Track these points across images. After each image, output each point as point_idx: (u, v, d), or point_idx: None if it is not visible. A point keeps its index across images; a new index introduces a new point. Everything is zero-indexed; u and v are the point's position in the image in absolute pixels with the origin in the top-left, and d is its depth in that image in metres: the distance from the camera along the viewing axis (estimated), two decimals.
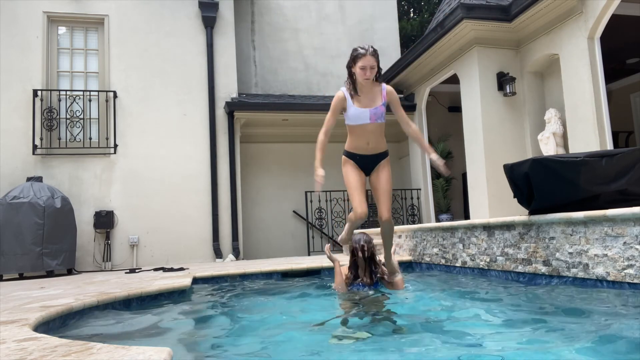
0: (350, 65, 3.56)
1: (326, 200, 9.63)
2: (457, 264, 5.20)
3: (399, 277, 3.97)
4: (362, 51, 3.48)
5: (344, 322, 2.87)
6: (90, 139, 8.44)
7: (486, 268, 4.68)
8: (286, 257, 8.89)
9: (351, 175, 3.72)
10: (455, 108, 9.58)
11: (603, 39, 6.38)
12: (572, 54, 6.55)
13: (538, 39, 7.25)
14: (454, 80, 8.46)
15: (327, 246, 4.27)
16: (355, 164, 3.76)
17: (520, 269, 4.21)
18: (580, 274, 3.55)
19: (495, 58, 7.62)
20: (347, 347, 2.39)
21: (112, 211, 8.26)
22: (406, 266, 5.88)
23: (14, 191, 7.15)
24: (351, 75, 3.60)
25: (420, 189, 9.72)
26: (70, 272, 7.42)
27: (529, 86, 7.63)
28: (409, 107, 9.85)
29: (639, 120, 9.47)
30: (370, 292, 3.82)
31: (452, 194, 9.91)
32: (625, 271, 3.16)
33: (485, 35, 7.50)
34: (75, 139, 8.32)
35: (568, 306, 2.98)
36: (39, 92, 8.18)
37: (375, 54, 3.50)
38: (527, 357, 1.98)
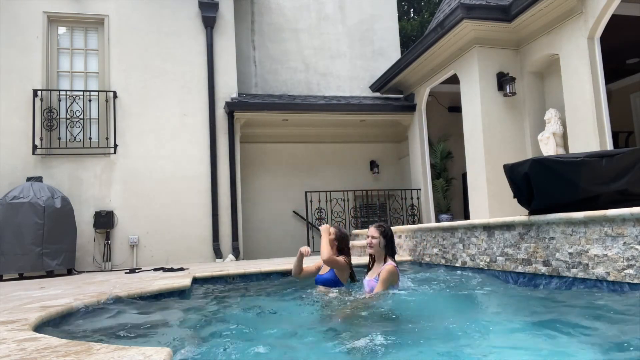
0: None
1: (326, 201, 9.63)
2: (457, 264, 5.20)
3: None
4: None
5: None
6: (90, 139, 8.43)
7: (486, 268, 4.68)
8: (286, 257, 8.89)
9: None
10: (455, 108, 9.58)
11: (603, 39, 6.38)
12: (572, 54, 6.55)
13: (538, 39, 7.25)
14: (454, 80, 8.46)
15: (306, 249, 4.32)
16: None
17: (520, 269, 4.21)
18: (580, 274, 3.54)
19: (495, 58, 7.62)
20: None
21: (112, 211, 8.26)
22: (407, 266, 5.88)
23: (14, 191, 7.15)
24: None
25: (420, 189, 9.71)
26: (70, 272, 7.42)
27: (529, 86, 7.63)
28: (409, 107, 9.86)
29: (638, 120, 9.47)
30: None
31: (452, 194, 9.91)
32: (626, 271, 3.16)
33: (485, 35, 7.50)
34: (75, 139, 8.32)
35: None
36: (39, 92, 8.18)
37: (379, 227, 4.01)
38: None
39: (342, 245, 4.25)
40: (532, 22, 7.13)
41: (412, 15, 23.27)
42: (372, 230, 3.95)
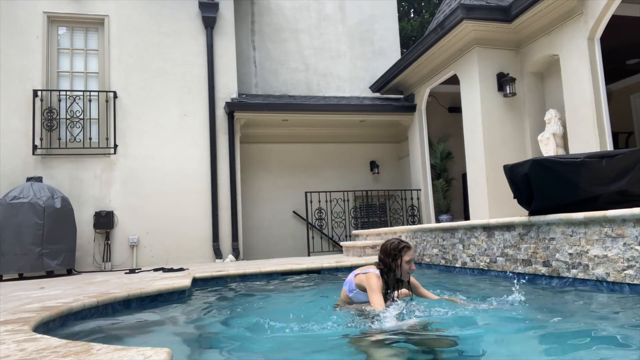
0: (394, 258, 3.20)
1: (326, 201, 9.63)
2: (457, 265, 5.20)
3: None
4: (407, 244, 3.24)
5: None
6: (90, 139, 8.43)
7: (486, 269, 4.68)
8: (286, 257, 8.89)
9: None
10: (456, 109, 9.57)
11: (603, 39, 6.38)
12: (572, 55, 6.55)
13: (538, 39, 7.25)
14: (454, 80, 8.46)
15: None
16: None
17: (520, 269, 4.21)
18: (580, 275, 3.54)
19: (495, 59, 7.62)
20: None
21: (112, 211, 8.25)
22: None
23: (14, 191, 7.14)
24: (391, 269, 3.20)
25: (420, 190, 9.71)
26: (70, 272, 7.42)
27: (529, 87, 7.63)
28: (409, 107, 9.86)
29: (639, 121, 9.47)
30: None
31: (452, 194, 9.91)
32: (626, 272, 3.16)
33: (485, 35, 7.49)
34: (75, 139, 8.31)
35: None
36: (39, 92, 8.18)
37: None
38: None
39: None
40: (532, 22, 7.13)
41: (412, 15, 23.28)
42: (413, 254, 3.28)
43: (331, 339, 2.58)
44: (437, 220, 9.39)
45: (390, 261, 3.20)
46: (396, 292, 3.24)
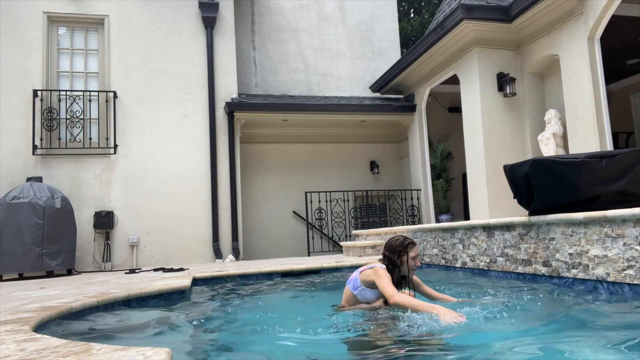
0: (399, 254, 3.19)
1: (326, 201, 9.63)
2: (457, 265, 5.20)
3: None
4: (412, 240, 3.25)
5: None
6: (90, 139, 8.43)
7: (486, 269, 4.68)
8: (286, 257, 8.90)
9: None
10: (456, 109, 9.58)
11: (603, 39, 6.38)
12: (572, 55, 6.55)
13: (538, 39, 7.25)
14: (454, 80, 8.46)
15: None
16: None
17: (520, 269, 4.21)
18: (580, 275, 3.54)
19: (496, 59, 7.62)
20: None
21: (112, 211, 8.26)
22: None
23: (14, 191, 7.14)
24: (396, 265, 3.18)
25: (420, 190, 9.71)
26: (70, 272, 7.42)
27: (529, 87, 7.63)
28: (409, 107, 9.86)
29: (639, 121, 9.47)
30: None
31: (452, 194, 9.91)
32: (626, 272, 3.16)
33: (485, 35, 7.50)
34: (75, 139, 8.31)
35: None
36: (39, 92, 8.18)
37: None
38: None
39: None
40: (532, 22, 7.13)
41: (412, 15, 23.28)
42: (418, 250, 3.29)
43: (334, 341, 2.58)
44: (437, 220, 9.39)
45: (396, 258, 3.18)
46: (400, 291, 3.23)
